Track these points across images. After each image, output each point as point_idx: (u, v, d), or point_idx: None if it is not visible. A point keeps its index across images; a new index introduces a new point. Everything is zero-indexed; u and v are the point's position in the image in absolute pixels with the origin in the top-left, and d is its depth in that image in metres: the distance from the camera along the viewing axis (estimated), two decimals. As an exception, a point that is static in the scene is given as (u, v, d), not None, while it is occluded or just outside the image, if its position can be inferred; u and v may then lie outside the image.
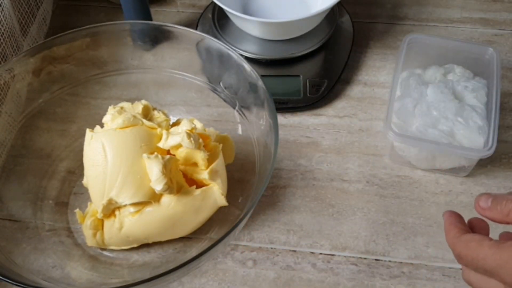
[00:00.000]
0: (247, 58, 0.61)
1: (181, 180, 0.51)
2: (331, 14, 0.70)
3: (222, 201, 0.52)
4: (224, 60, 0.58)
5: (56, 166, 0.60)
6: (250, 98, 0.57)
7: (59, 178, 0.59)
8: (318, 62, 0.69)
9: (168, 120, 0.55)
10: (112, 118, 0.52)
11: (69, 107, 0.61)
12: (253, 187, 0.53)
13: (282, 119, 0.65)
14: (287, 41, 0.68)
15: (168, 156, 0.50)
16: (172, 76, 0.62)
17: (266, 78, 0.63)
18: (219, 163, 0.52)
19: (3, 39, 0.59)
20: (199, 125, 0.54)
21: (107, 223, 0.52)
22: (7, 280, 0.43)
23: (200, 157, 0.51)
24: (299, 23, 0.66)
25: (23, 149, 0.59)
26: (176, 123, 0.54)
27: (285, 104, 0.65)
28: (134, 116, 0.52)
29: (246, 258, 0.55)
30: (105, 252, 0.54)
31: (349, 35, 0.71)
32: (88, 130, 0.52)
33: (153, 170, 0.48)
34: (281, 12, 0.71)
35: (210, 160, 0.51)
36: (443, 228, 0.40)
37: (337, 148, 0.63)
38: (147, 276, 0.43)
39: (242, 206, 0.54)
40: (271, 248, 0.56)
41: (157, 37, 0.61)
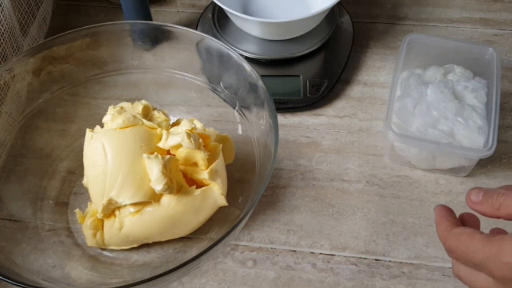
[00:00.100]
0: (247, 58, 0.61)
1: (181, 180, 0.51)
2: (331, 14, 0.70)
3: (222, 201, 0.52)
4: (224, 60, 0.58)
5: (56, 166, 0.60)
6: (250, 98, 0.57)
7: (59, 178, 0.59)
8: (318, 62, 0.69)
9: (168, 120, 0.55)
10: (112, 118, 0.52)
11: (69, 107, 0.61)
12: (253, 187, 0.53)
13: (282, 119, 0.65)
14: (287, 41, 0.68)
15: (168, 156, 0.50)
16: (172, 76, 0.62)
17: (266, 78, 0.63)
18: (219, 163, 0.52)
19: (3, 39, 0.59)
20: (199, 125, 0.54)
21: (107, 223, 0.52)
22: (7, 280, 0.43)
23: (200, 157, 0.51)
24: (299, 23, 0.66)
25: (23, 149, 0.59)
26: (176, 123, 0.54)
27: (285, 104, 0.65)
28: (134, 116, 0.52)
29: (246, 258, 0.55)
30: (105, 252, 0.54)
31: (349, 35, 0.71)
32: (88, 130, 0.52)
33: (153, 170, 0.48)
34: (281, 12, 0.71)
35: (210, 160, 0.51)
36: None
37: (337, 148, 0.63)
38: (147, 276, 0.43)
39: (242, 206, 0.54)
40: (271, 248, 0.56)
41: (157, 37, 0.61)
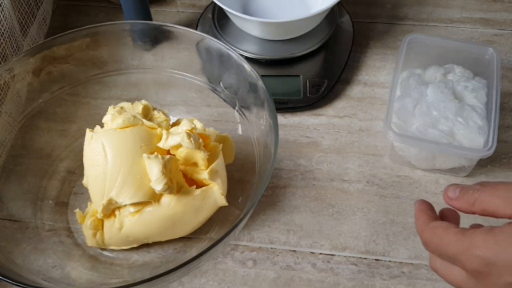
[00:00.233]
0: (247, 58, 0.61)
1: (181, 180, 0.51)
2: (331, 14, 0.70)
3: (222, 201, 0.52)
4: (224, 60, 0.58)
5: (56, 166, 0.60)
6: (250, 98, 0.57)
7: (59, 178, 0.59)
8: (318, 62, 0.68)
9: (168, 120, 0.55)
10: (112, 118, 0.52)
11: (69, 107, 0.61)
12: (253, 187, 0.53)
13: (282, 119, 0.65)
14: (287, 41, 0.68)
15: (168, 156, 0.50)
16: (172, 76, 0.62)
17: (266, 78, 0.63)
18: (219, 163, 0.52)
19: (3, 39, 0.59)
20: (199, 125, 0.54)
21: (107, 223, 0.52)
22: (7, 280, 0.43)
23: (200, 157, 0.51)
24: (299, 23, 0.66)
25: (23, 149, 0.59)
26: (176, 123, 0.54)
27: (285, 104, 0.65)
28: (134, 116, 0.52)
29: (246, 258, 0.55)
30: (105, 252, 0.54)
31: (349, 35, 0.71)
32: (88, 130, 0.52)
33: (153, 170, 0.48)
34: (281, 12, 0.71)
35: (210, 160, 0.51)
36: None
37: (337, 148, 0.63)
38: (147, 276, 0.43)
39: (242, 206, 0.54)
40: (271, 248, 0.56)
41: (157, 37, 0.61)
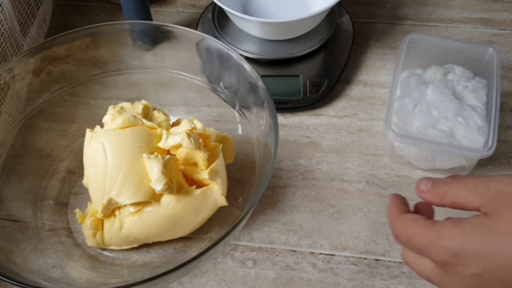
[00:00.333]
0: (247, 58, 0.61)
1: (181, 180, 0.51)
2: (331, 14, 0.70)
3: (222, 201, 0.52)
4: (224, 60, 0.58)
5: (56, 166, 0.60)
6: (250, 98, 0.57)
7: (59, 178, 0.59)
8: (318, 62, 0.68)
9: (168, 120, 0.55)
10: (112, 118, 0.52)
11: (69, 107, 0.61)
12: (253, 187, 0.53)
13: (282, 119, 0.65)
14: (287, 41, 0.68)
15: (168, 156, 0.50)
16: (172, 76, 0.62)
17: (266, 78, 0.63)
18: (219, 163, 0.52)
19: (3, 39, 0.59)
20: (199, 125, 0.54)
21: (107, 223, 0.52)
22: (7, 280, 0.43)
23: (200, 157, 0.51)
24: (299, 23, 0.66)
25: (23, 149, 0.59)
26: (176, 123, 0.54)
27: (285, 104, 0.65)
28: (134, 116, 0.52)
29: (246, 258, 0.55)
30: (105, 252, 0.54)
31: (349, 35, 0.71)
32: (88, 130, 0.52)
33: (153, 170, 0.48)
34: (281, 12, 0.71)
35: (210, 160, 0.51)
36: None
37: (337, 148, 0.63)
38: (147, 276, 0.43)
39: (242, 206, 0.54)
40: (271, 248, 0.56)
41: (157, 37, 0.61)
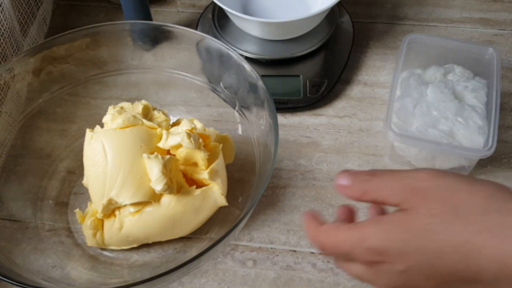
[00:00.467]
0: (247, 58, 0.61)
1: (181, 180, 0.51)
2: (331, 14, 0.70)
3: (222, 201, 0.52)
4: (224, 60, 0.58)
5: (56, 166, 0.60)
6: (250, 98, 0.57)
7: (59, 178, 0.59)
8: (318, 62, 0.68)
9: (168, 120, 0.55)
10: (112, 118, 0.52)
11: (69, 107, 0.61)
12: (253, 187, 0.53)
13: (282, 119, 0.65)
14: (287, 41, 0.68)
15: (168, 156, 0.50)
16: (172, 76, 0.62)
17: (266, 78, 0.63)
18: (219, 163, 0.52)
19: (3, 39, 0.59)
20: (199, 125, 0.54)
21: (107, 223, 0.52)
22: (7, 280, 0.43)
23: (200, 157, 0.51)
24: (299, 23, 0.66)
25: (23, 149, 0.59)
26: (176, 123, 0.54)
27: (285, 104, 0.65)
28: (134, 116, 0.52)
29: (246, 258, 0.55)
30: (105, 252, 0.54)
31: (349, 35, 0.71)
32: (88, 130, 0.52)
33: (153, 170, 0.48)
34: (281, 12, 0.71)
35: (210, 160, 0.51)
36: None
37: (337, 148, 0.63)
38: (147, 276, 0.43)
39: (242, 206, 0.54)
40: (271, 248, 0.56)
41: (157, 37, 0.61)
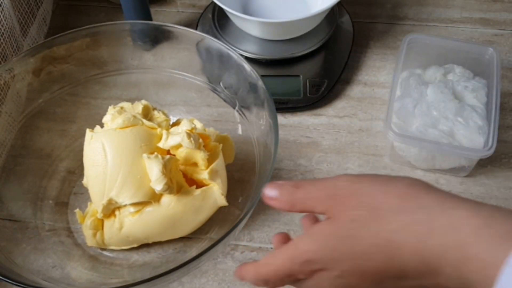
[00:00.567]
0: (247, 58, 0.61)
1: (181, 180, 0.51)
2: (331, 14, 0.70)
3: (222, 201, 0.52)
4: (224, 60, 0.58)
5: (56, 166, 0.60)
6: (250, 98, 0.57)
7: (59, 178, 0.59)
8: (318, 62, 0.68)
9: (168, 120, 0.55)
10: (112, 118, 0.52)
11: (69, 107, 0.61)
12: (253, 187, 0.53)
13: (282, 119, 0.65)
14: (287, 41, 0.68)
15: (168, 156, 0.50)
16: (172, 76, 0.62)
17: (266, 78, 0.63)
18: (219, 163, 0.52)
19: (3, 39, 0.59)
20: (199, 125, 0.54)
21: (107, 223, 0.52)
22: (7, 280, 0.43)
23: (200, 157, 0.51)
24: (299, 23, 0.66)
25: (23, 149, 0.59)
26: (176, 123, 0.54)
27: (285, 104, 0.65)
28: (134, 116, 0.52)
29: (246, 258, 0.55)
30: (105, 252, 0.54)
31: (349, 35, 0.71)
32: (88, 130, 0.52)
33: (153, 170, 0.48)
34: (281, 12, 0.71)
35: (210, 160, 0.51)
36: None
37: (337, 148, 0.63)
38: (147, 276, 0.43)
39: (242, 206, 0.54)
40: (271, 248, 0.56)
41: (157, 37, 0.61)
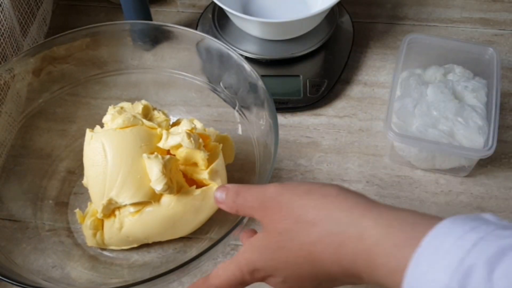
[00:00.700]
0: (247, 58, 0.61)
1: (181, 180, 0.51)
2: (331, 14, 0.70)
3: (222, 201, 0.52)
4: (224, 60, 0.58)
5: (56, 166, 0.60)
6: (250, 98, 0.57)
7: (59, 178, 0.59)
8: (318, 62, 0.68)
9: (168, 120, 0.55)
10: (112, 118, 0.52)
11: (69, 107, 0.61)
12: (253, 187, 0.53)
13: (282, 119, 0.65)
14: (287, 41, 0.68)
15: (168, 156, 0.50)
16: (172, 76, 0.62)
17: (266, 78, 0.63)
18: (219, 163, 0.52)
19: (3, 39, 0.59)
20: (199, 125, 0.54)
21: (107, 223, 0.52)
22: (7, 280, 0.43)
23: (200, 157, 0.51)
24: (299, 23, 0.66)
25: (23, 149, 0.59)
26: (176, 123, 0.54)
27: (285, 104, 0.65)
28: (134, 116, 0.52)
29: (246, 258, 0.55)
30: (105, 252, 0.54)
31: (349, 35, 0.71)
32: (88, 130, 0.52)
33: (153, 170, 0.48)
34: (281, 12, 0.71)
35: (210, 160, 0.51)
36: None
37: (337, 148, 0.63)
38: (147, 276, 0.43)
39: (242, 206, 0.53)
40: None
41: (157, 37, 0.61)
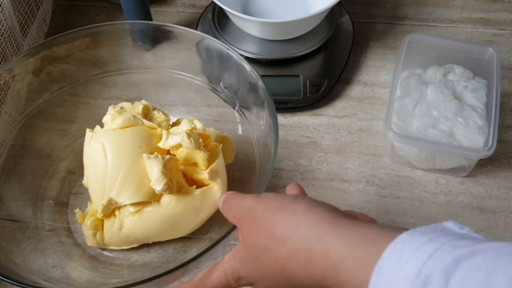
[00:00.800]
0: (247, 58, 0.61)
1: (181, 180, 0.51)
2: (331, 14, 0.70)
3: (222, 201, 0.52)
4: (224, 60, 0.58)
5: (56, 166, 0.60)
6: (250, 98, 0.57)
7: (59, 178, 0.59)
8: (318, 62, 0.68)
9: (168, 120, 0.55)
10: (112, 118, 0.52)
11: (69, 107, 0.61)
12: (253, 187, 0.53)
13: (282, 119, 0.65)
14: (287, 41, 0.68)
15: (168, 156, 0.50)
16: (172, 76, 0.62)
17: (266, 78, 0.63)
18: (219, 163, 0.52)
19: (3, 39, 0.59)
20: (199, 125, 0.54)
21: (107, 223, 0.52)
22: (7, 280, 0.43)
23: (200, 157, 0.51)
24: (299, 23, 0.66)
25: (23, 149, 0.59)
26: (176, 123, 0.54)
27: (285, 104, 0.65)
28: (134, 116, 0.52)
29: (246, 258, 0.55)
30: (105, 252, 0.54)
31: (349, 35, 0.71)
32: (88, 130, 0.52)
33: (153, 170, 0.48)
34: (281, 12, 0.71)
35: (210, 160, 0.51)
36: None
37: (337, 148, 0.63)
38: (147, 276, 0.43)
39: (242, 206, 0.53)
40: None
41: (157, 37, 0.61)
